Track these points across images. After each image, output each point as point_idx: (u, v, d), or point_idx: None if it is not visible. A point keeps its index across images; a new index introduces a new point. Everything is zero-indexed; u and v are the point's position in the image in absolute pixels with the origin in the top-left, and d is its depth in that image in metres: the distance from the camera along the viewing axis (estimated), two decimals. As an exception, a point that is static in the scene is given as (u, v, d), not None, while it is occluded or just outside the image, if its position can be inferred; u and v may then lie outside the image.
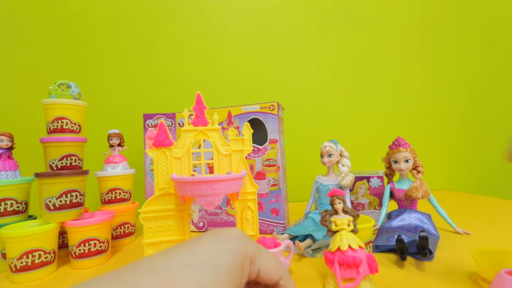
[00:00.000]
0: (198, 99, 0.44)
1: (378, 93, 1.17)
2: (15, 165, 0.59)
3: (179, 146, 0.44)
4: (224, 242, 0.19)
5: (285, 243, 0.43)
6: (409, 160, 0.58)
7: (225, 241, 0.19)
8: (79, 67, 1.01)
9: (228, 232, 0.20)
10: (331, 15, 1.15)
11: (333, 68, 1.15)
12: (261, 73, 1.10)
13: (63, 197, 0.52)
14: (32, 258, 0.47)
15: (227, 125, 0.69)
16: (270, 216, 0.67)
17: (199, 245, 0.18)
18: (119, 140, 0.70)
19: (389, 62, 1.18)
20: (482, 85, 1.24)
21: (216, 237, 0.19)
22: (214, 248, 0.18)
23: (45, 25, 0.99)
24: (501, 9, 1.24)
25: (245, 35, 1.10)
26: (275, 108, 0.65)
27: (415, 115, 1.19)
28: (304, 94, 1.13)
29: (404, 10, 1.18)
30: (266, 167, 0.67)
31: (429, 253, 0.45)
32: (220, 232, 0.20)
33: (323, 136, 0.76)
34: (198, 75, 1.07)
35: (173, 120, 0.75)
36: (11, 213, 0.54)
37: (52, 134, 0.55)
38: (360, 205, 0.71)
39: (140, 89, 1.04)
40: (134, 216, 0.69)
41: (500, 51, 1.24)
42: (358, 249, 0.37)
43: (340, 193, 0.41)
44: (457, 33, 1.22)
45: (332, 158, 0.61)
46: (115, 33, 1.03)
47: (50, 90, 0.56)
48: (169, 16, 1.06)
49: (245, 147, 0.46)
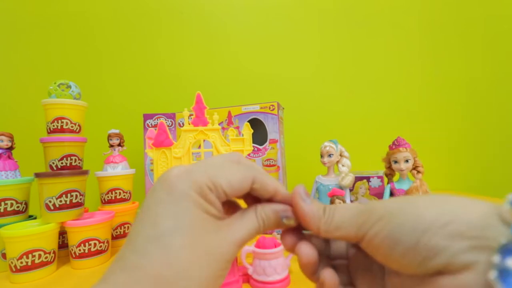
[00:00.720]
0: (198, 99, 0.44)
1: (378, 93, 1.17)
2: (15, 165, 0.59)
3: (179, 146, 0.44)
4: (168, 194, 0.17)
5: (285, 243, 0.43)
6: (409, 160, 0.58)
7: (168, 192, 0.17)
8: (79, 67, 1.01)
9: (168, 178, 0.17)
10: (331, 15, 1.15)
11: (333, 68, 1.15)
12: (261, 73, 1.10)
13: (63, 197, 0.52)
14: (32, 258, 0.47)
15: (227, 125, 0.69)
16: (270, 216, 0.67)
17: (150, 211, 0.17)
18: (119, 140, 0.70)
19: (389, 62, 1.18)
20: (482, 85, 1.24)
21: (158, 192, 0.17)
22: (164, 206, 0.17)
23: (45, 25, 0.99)
24: (501, 9, 1.24)
25: (245, 35, 1.10)
26: (275, 108, 0.65)
27: (415, 115, 1.19)
28: (304, 94, 1.13)
29: (404, 10, 1.19)
30: (266, 167, 0.67)
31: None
32: (159, 184, 0.18)
33: (323, 136, 0.76)
34: (198, 75, 1.07)
35: (173, 120, 0.75)
36: (11, 213, 0.54)
37: (52, 134, 0.55)
38: (360, 205, 0.71)
39: (140, 89, 1.04)
40: (134, 216, 0.69)
41: (500, 51, 1.24)
42: (358, 249, 0.37)
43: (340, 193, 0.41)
44: (457, 33, 1.22)
45: (332, 158, 0.61)
46: (115, 33, 1.03)
47: (50, 90, 0.56)
48: (169, 16, 1.06)
49: (245, 147, 0.46)
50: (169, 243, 0.16)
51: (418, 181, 0.57)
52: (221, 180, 0.18)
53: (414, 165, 0.59)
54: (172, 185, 0.17)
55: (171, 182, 0.17)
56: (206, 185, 0.17)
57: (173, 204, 0.17)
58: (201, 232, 0.17)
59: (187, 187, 0.17)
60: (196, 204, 0.17)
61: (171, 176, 0.17)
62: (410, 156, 0.58)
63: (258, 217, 0.19)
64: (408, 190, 0.58)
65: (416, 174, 0.59)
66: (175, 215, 0.16)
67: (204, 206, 0.17)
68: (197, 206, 0.17)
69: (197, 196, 0.17)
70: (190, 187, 0.17)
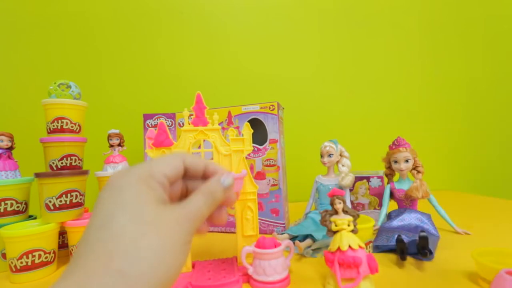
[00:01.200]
0: (198, 99, 0.44)
1: (378, 93, 1.17)
2: (15, 165, 0.59)
3: (179, 146, 0.44)
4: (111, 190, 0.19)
5: (285, 243, 0.43)
6: (409, 160, 0.58)
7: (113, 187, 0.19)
8: (79, 67, 1.01)
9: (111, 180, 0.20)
10: (331, 15, 1.15)
11: (333, 68, 1.15)
12: (261, 73, 1.10)
13: (63, 197, 0.52)
14: (32, 258, 0.47)
15: (227, 125, 0.69)
16: (270, 216, 0.67)
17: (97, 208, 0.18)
18: (119, 140, 0.70)
19: (389, 62, 1.18)
20: (482, 85, 1.24)
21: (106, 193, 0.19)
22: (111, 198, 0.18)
23: (45, 25, 0.99)
24: (501, 9, 1.24)
25: (245, 35, 1.10)
26: (275, 108, 0.65)
27: (415, 115, 1.19)
28: (304, 94, 1.13)
29: (404, 10, 1.18)
30: (266, 167, 0.67)
31: (429, 253, 0.45)
32: (106, 186, 0.19)
33: (323, 136, 0.76)
34: (198, 75, 1.07)
35: (173, 120, 0.75)
36: (11, 213, 0.54)
37: (52, 134, 0.55)
38: (360, 205, 0.71)
39: (140, 89, 1.04)
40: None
41: (500, 51, 1.24)
42: (358, 249, 0.37)
43: (340, 193, 0.41)
44: (457, 33, 1.22)
45: (332, 158, 0.61)
46: (115, 33, 1.03)
47: (50, 90, 0.56)
48: (169, 16, 1.06)
49: (245, 147, 0.46)
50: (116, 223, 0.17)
51: (418, 181, 0.57)
52: (159, 167, 0.21)
53: (414, 165, 0.59)
54: (116, 180, 0.19)
55: (114, 180, 0.19)
56: (146, 173, 0.20)
57: (116, 196, 0.18)
58: (147, 210, 0.18)
59: (129, 179, 0.19)
60: (140, 189, 0.19)
61: (114, 176, 0.20)
62: (410, 156, 0.58)
63: (204, 192, 0.22)
64: (408, 190, 0.58)
65: (416, 174, 0.59)
66: (118, 203, 0.18)
67: (147, 191, 0.19)
68: (140, 191, 0.19)
69: (139, 182, 0.19)
70: (133, 178, 0.19)
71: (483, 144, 1.24)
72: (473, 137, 1.23)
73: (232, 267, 0.45)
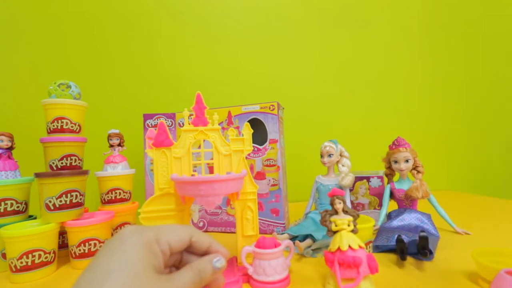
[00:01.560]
0: (198, 99, 0.44)
1: (378, 93, 1.17)
2: (15, 165, 0.59)
3: (179, 146, 0.44)
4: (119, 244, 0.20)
5: (285, 243, 0.43)
6: (409, 160, 0.58)
7: (119, 243, 0.20)
8: (79, 67, 1.01)
9: (120, 235, 0.21)
10: (331, 15, 1.15)
11: (333, 68, 1.15)
12: (261, 73, 1.10)
13: (63, 197, 0.52)
14: (32, 258, 0.47)
15: (227, 125, 0.69)
16: (270, 216, 0.67)
17: (98, 260, 0.19)
18: (119, 140, 0.69)
19: (389, 62, 1.18)
20: (482, 85, 1.24)
21: (111, 246, 0.20)
22: (113, 256, 0.19)
23: (45, 25, 0.99)
24: (501, 9, 1.24)
25: (245, 35, 1.10)
26: (275, 108, 0.65)
27: (415, 115, 1.19)
28: (304, 94, 1.13)
29: (404, 10, 1.18)
30: (266, 167, 0.67)
31: (429, 253, 0.45)
32: (113, 239, 0.21)
33: (323, 136, 0.76)
34: (198, 75, 1.07)
35: (173, 120, 0.75)
36: (11, 213, 0.54)
37: (52, 134, 0.55)
38: (360, 205, 0.71)
39: (140, 89, 1.04)
40: (134, 216, 0.69)
41: (500, 51, 1.24)
42: (358, 249, 0.37)
43: (340, 193, 0.41)
44: (457, 33, 1.22)
45: (332, 158, 0.61)
46: (115, 33, 1.03)
47: (50, 90, 0.56)
48: (169, 16, 1.06)
49: (245, 147, 0.46)
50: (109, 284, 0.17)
51: (418, 181, 0.57)
52: (166, 235, 0.22)
53: (414, 165, 0.59)
54: (124, 237, 0.21)
55: (123, 235, 0.21)
56: (153, 238, 0.21)
57: (120, 255, 0.19)
58: (142, 277, 0.19)
59: (137, 241, 0.20)
60: (141, 254, 0.20)
61: (126, 229, 0.22)
62: (410, 156, 0.58)
63: (193, 269, 0.23)
64: (408, 190, 0.58)
65: (416, 174, 0.59)
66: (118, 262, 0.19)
67: (148, 257, 0.20)
68: (141, 257, 0.20)
69: (143, 246, 0.20)
70: (140, 241, 0.20)
71: (483, 144, 1.24)
72: (473, 137, 1.23)
73: (232, 267, 0.45)
